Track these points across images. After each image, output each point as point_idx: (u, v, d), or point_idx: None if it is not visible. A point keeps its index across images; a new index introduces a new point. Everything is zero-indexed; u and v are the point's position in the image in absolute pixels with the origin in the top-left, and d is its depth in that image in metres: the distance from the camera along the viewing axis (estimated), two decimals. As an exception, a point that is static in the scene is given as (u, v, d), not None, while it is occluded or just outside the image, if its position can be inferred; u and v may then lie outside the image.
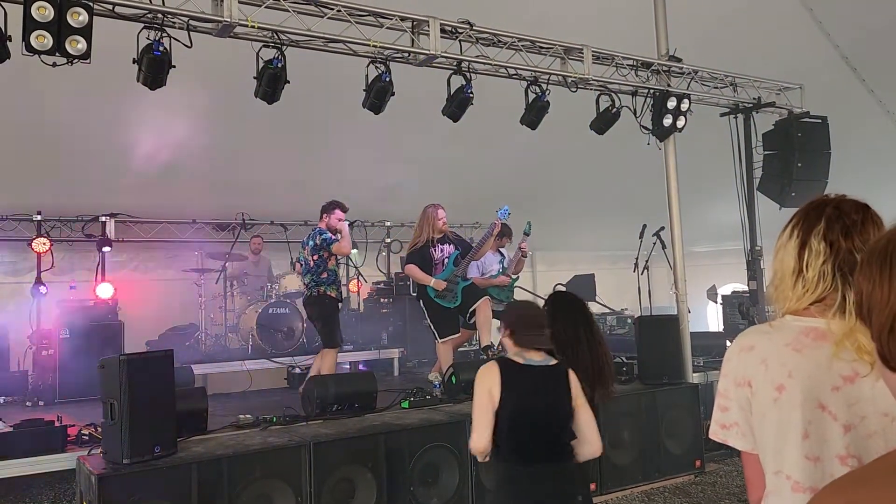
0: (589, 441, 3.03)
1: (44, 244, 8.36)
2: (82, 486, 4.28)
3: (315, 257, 6.41)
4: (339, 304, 6.65)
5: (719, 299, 9.84)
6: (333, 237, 6.39)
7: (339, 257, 6.58)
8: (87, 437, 4.75)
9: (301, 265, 6.70)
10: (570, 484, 2.99)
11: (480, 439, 2.86)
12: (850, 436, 1.46)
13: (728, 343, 8.24)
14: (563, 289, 8.01)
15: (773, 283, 1.66)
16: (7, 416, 5.22)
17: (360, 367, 8.80)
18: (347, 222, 6.52)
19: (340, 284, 6.59)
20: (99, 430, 4.61)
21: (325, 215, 6.52)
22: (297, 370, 7.97)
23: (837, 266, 1.52)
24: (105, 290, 8.15)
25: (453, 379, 5.84)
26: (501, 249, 7.38)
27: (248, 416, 5.43)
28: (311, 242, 6.49)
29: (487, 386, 2.90)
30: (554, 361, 3.06)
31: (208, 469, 4.24)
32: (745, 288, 8.31)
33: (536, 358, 3.02)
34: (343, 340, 6.77)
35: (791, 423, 1.52)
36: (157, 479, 4.12)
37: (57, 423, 4.75)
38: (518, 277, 7.52)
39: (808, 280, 1.56)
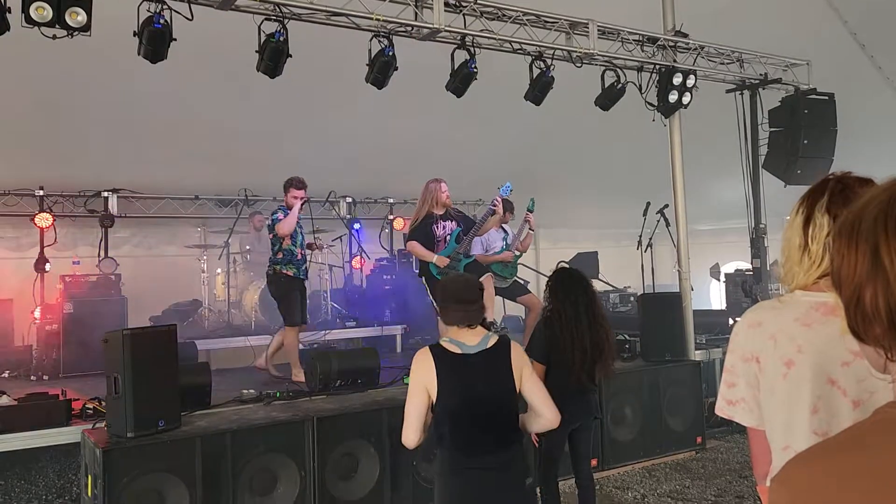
0: (540, 413, 2.90)
1: (46, 219, 8.35)
2: (87, 459, 4.31)
3: (271, 236, 6.38)
4: (302, 283, 6.42)
5: (722, 277, 9.84)
6: (282, 217, 6.22)
7: (297, 235, 6.32)
8: (91, 412, 4.77)
9: None
10: (516, 471, 2.89)
11: (412, 436, 2.76)
12: (859, 411, 1.46)
13: (731, 321, 8.27)
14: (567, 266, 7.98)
15: (781, 260, 1.66)
16: (12, 390, 5.25)
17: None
18: (303, 200, 6.29)
19: (302, 263, 6.37)
20: (103, 404, 4.63)
21: (285, 194, 6.38)
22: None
23: None
24: (108, 266, 8.15)
25: (456, 355, 5.83)
26: (504, 226, 7.34)
27: (251, 391, 5.46)
28: (268, 221, 6.49)
29: (422, 381, 2.76)
30: (493, 341, 2.88)
31: (212, 443, 4.27)
32: (748, 266, 8.30)
33: (472, 342, 2.84)
34: (305, 320, 6.55)
35: (800, 398, 1.51)
36: (161, 453, 4.15)
37: (61, 398, 4.78)
38: (522, 254, 7.49)
39: (814, 254, 1.56)
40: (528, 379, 2.88)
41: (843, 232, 0.91)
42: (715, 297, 11.57)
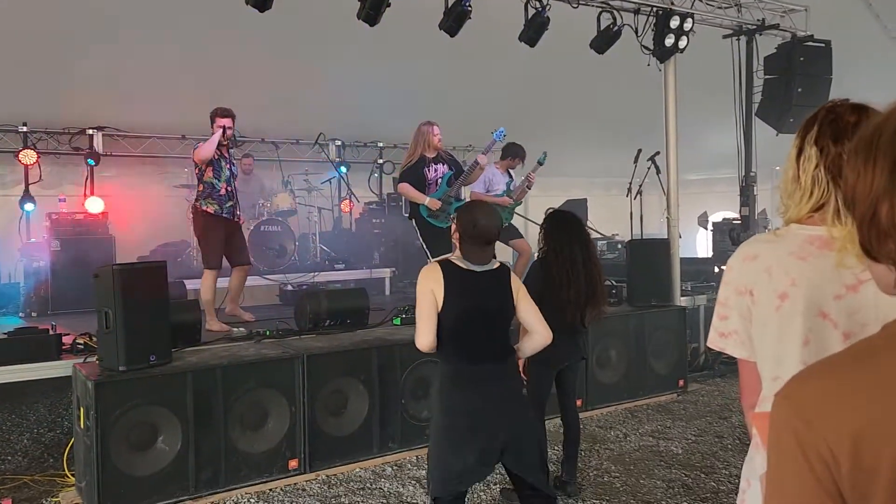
0: (536, 330, 3.09)
1: (31, 156, 8.22)
2: (79, 392, 4.34)
3: (196, 171, 5.94)
4: (226, 222, 5.88)
5: (710, 226, 9.91)
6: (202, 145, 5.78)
7: (222, 169, 5.82)
8: (81, 347, 4.78)
9: None
10: (513, 380, 3.11)
11: (424, 338, 2.93)
12: (849, 343, 1.48)
13: (717, 269, 8.36)
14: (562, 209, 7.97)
15: (779, 191, 1.66)
16: (1, 325, 5.25)
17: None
18: (226, 129, 5.74)
19: (226, 200, 5.78)
20: (94, 339, 4.65)
21: (212, 125, 5.85)
22: (290, 287, 8.02)
23: (828, 170, 1.52)
24: (95, 205, 8.08)
25: (445, 297, 5.86)
26: (511, 171, 7.30)
27: (241, 329, 5.50)
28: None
29: (430, 287, 2.93)
30: (497, 265, 3.07)
31: (203, 378, 4.31)
32: (736, 215, 8.35)
33: (480, 263, 3.02)
34: (244, 261, 6.11)
35: (792, 330, 1.53)
36: (153, 387, 4.19)
37: (51, 332, 4.79)
38: (519, 203, 7.46)
39: (804, 186, 1.56)
40: (522, 299, 3.08)
41: (860, 148, 0.89)
42: (702, 245, 11.68)
